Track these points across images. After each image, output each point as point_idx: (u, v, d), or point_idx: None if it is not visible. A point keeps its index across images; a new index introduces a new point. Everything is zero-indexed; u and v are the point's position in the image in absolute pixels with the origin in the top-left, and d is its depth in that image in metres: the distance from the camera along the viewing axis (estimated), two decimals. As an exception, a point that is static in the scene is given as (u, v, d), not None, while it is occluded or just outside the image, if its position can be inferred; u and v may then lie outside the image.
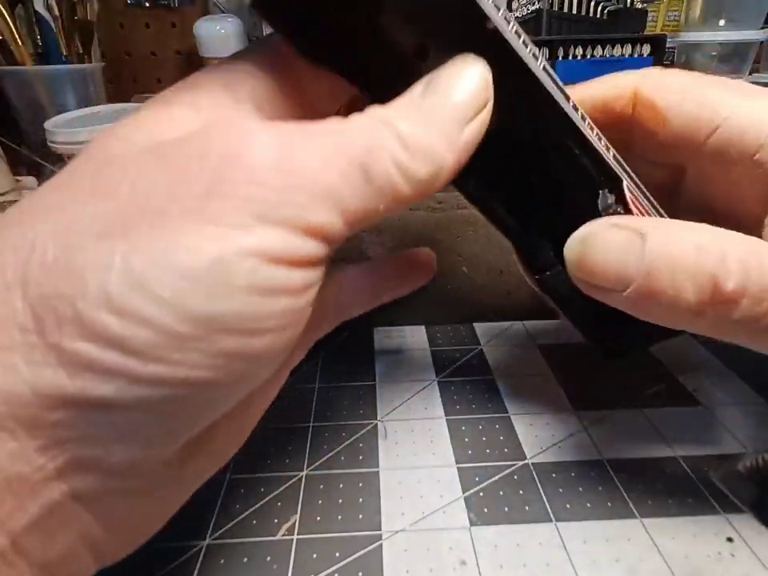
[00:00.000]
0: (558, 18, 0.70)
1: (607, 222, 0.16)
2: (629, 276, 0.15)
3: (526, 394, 0.25)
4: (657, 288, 0.14)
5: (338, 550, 0.17)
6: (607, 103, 0.19)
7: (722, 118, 0.17)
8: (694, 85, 0.18)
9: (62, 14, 0.70)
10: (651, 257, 0.14)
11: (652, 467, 0.20)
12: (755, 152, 0.16)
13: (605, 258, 0.15)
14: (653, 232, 0.15)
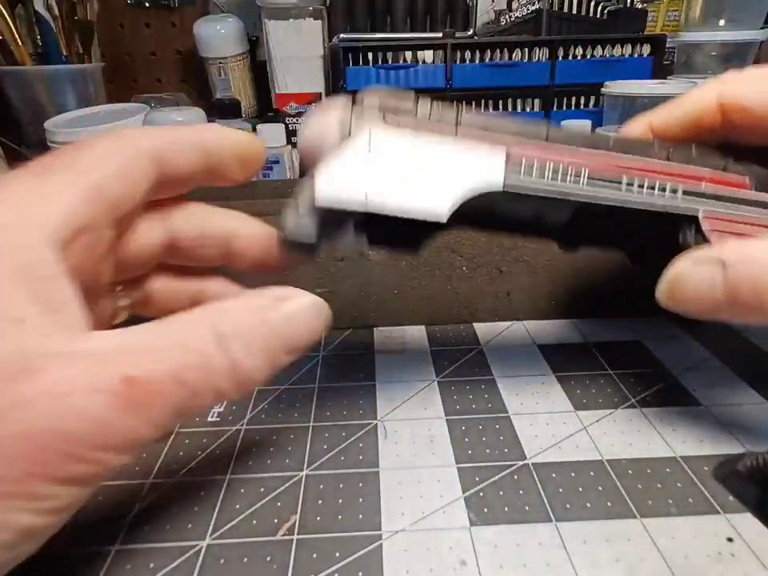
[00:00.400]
0: (558, 17, 0.70)
1: (689, 258, 0.17)
2: (718, 306, 0.16)
3: (526, 394, 0.25)
4: (744, 310, 0.16)
5: (338, 550, 0.17)
6: (695, 122, 0.21)
7: None
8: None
9: (62, 14, 0.70)
10: (735, 283, 0.16)
11: (652, 467, 0.20)
12: None
13: (693, 294, 0.17)
14: (733, 258, 0.16)
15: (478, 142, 0.18)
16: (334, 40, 0.71)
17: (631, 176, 0.18)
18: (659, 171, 0.19)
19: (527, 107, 0.69)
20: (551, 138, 0.19)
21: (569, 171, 0.18)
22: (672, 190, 0.19)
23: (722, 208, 0.19)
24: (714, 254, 0.17)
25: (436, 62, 0.66)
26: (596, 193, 0.18)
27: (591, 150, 0.19)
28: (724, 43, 0.72)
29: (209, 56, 0.81)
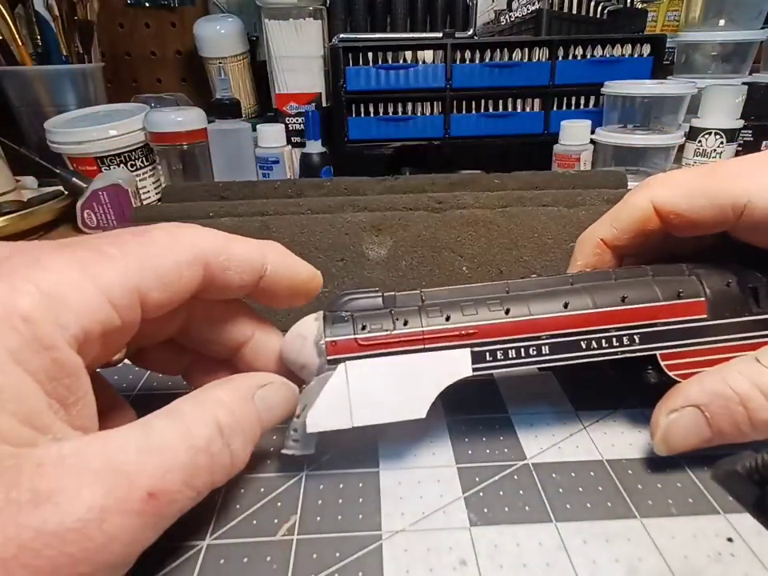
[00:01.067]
0: (558, 17, 0.70)
1: (666, 411, 0.19)
2: (706, 439, 0.19)
3: (526, 393, 0.25)
4: (729, 437, 0.19)
5: (338, 550, 0.17)
6: (640, 229, 0.23)
7: (742, 205, 0.20)
8: (703, 183, 0.21)
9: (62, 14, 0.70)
10: (716, 422, 0.18)
11: (652, 467, 0.20)
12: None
13: (686, 442, 0.19)
14: (703, 400, 0.19)
15: (443, 350, 0.20)
16: (333, 40, 0.71)
17: (588, 336, 0.20)
18: (616, 317, 0.20)
19: (527, 107, 0.69)
20: (511, 299, 0.21)
21: (530, 347, 0.20)
22: (629, 338, 0.20)
23: (677, 342, 0.20)
24: (688, 400, 0.19)
25: (436, 61, 0.66)
26: (557, 358, 0.20)
27: (550, 315, 0.20)
28: (724, 43, 0.72)
29: (209, 56, 0.81)
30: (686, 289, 0.21)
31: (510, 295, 0.21)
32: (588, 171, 0.58)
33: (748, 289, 0.21)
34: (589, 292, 0.21)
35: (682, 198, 0.21)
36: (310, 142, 0.66)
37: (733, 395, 0.18)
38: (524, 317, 0.20)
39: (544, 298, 0.21)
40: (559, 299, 0.21)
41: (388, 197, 0.40)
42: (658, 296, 0.21)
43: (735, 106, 0.59)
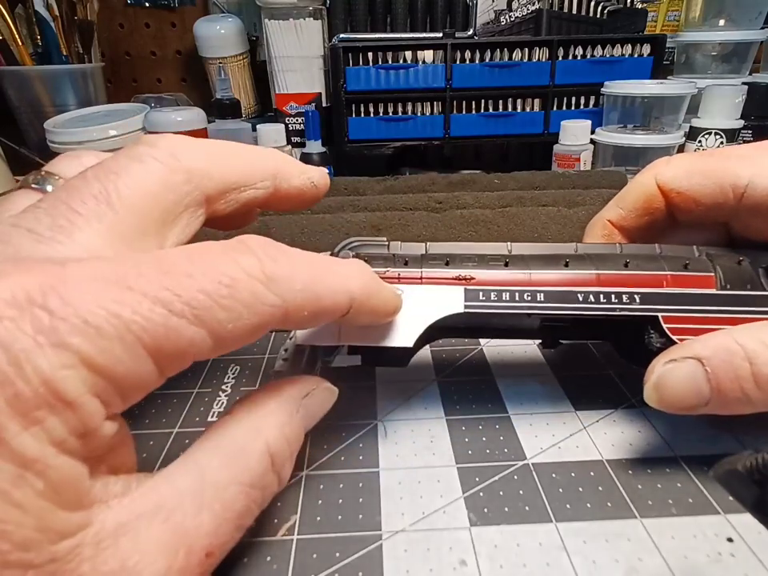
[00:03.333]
0: (558, 17, 0.70)
1: (665, 360, 0.18)
2: (704, 396, 0.17)
3: (526, 393, 0.25)
4: (729, 400, 0.17)
5: (338, 550, 0.17)
6: (645, 208, 0.23)
7: (744, 185, 0.20)
8: (706, 163, 0.21)
9: (62, 14, 0.70)
10: (716, 376, 0.17)
11: (652, 467, 0.20)
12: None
13: (681, 394, 0.18)
14: (707, 353, 0.17)
15: (439, 285, 0.20)
16: (333, 40, 0.71)
17: (587, 290, 0.20)
18: (617, 281, 0.20)
19: (527, 107, 0.69)
20: (512, 257, 0.21)
21: (525, 292, 0.20)
22: (629, 297, 0.20)
23: (682, 307, 0.19)
24: (688, 351, 0.18)
25: (436, 61, 0.66)
26: (552, 306, 0.20)
27: (548, 272, 0.20)
28: (724, 43, 0.72)
29: (209, 56, 0.81)
30: (693, 263, 0.20)
31: (511, 254, 0.21)
32: (588, 171, 0.58)
33: (761, 268, 0.20)
34: (592, 259, 0.20)
35: (684, 177, 0.21)
36: (310, 142, 0.66)
37: (738, 349, 0.17)
38: (523, 271, 0.20)
39: (545, 259, 0.21)
40: (561, 261, 0.20)
41: (388, 197, 0.40)
42: (664, 267, 0.20)
43: (735, 106, 0.59)
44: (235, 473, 0.14)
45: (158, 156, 0.16)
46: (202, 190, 0.17)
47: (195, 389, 0.26)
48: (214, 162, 0.18)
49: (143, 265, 0.13)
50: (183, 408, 0.25)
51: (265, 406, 0.17)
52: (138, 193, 0.15)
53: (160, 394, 0.26)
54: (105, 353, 0.12)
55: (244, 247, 0.14)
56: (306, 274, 0.15)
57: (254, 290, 0.14)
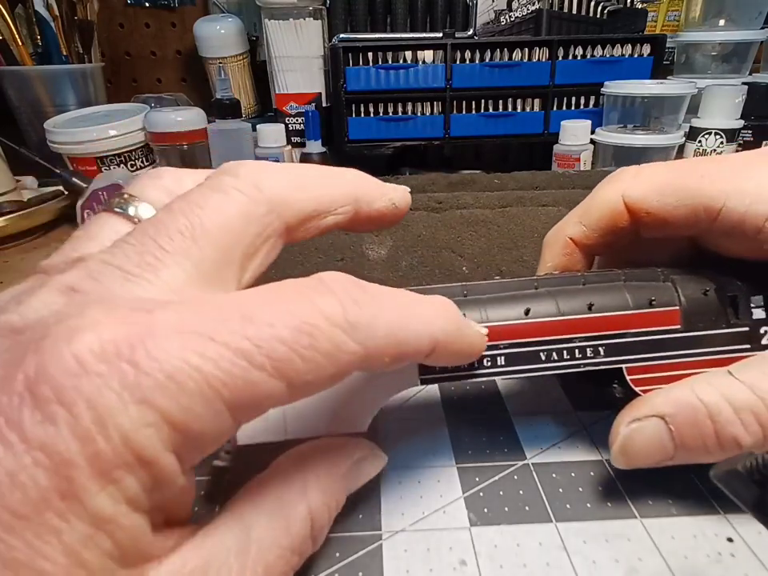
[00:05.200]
0: (558, 17, 0.70)
1: (628, 419, 0.18)
2: (669, 453, 0.17)
3: (526, 394, 0.25)
4: (692, 453, 0.17)
5: (337, 550, 0.17)
6: (610, 227, 0.21)
7: (718, 208, 0.18)
8: (678, 180, 0.20)
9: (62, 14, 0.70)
10: (680, 433, 0.17)
11: (652, 467, 0.20)
12: (757, 232, 0.18)
13: (647, 453, 0.18)
14: (668, 411, 0.17)
15: None
16: (333, 40, 0.71)
17: (549, 347, 0.19)
18: (581, 326, 0.19)
19: (527, 107, 0.69)
20: (467, 302, 0.19)
21: (484, 359, 0.19)
22: (593, 350, 0.19)
23: (647, 355, 0.19)
24: (652, 409, 0.17)
25: (436, 61, 0.66)
26: (514, 369, 0.19)
27: (509, 323, 0.19)
28: (724, 43, 0.72)
29: (209, 56, 0.81)
30: (659, 296, 0.19)
31: (467, 299, 0.19)
32: (588, 171, 0.58)
33: (727, 297, 0.19)
34: (554, 297, 0.19)
35: (654, 195, 0.20)
36: (310, 142, 0.66)
37: (701, 407, 0.17)
38: (480, 322, 0.19)
39: (504, 302, 0.19)
40: (521, 304, 0.19)
41: (388, 197, 0.40)
42: (629, 303, 0.19)
43: (735, 106, 0.59)
44: (280, 535, 0.14)
45: (240, 187, 0.16)
46: (283, 220, 0.16)
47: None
48: (294, 189, 0.17)
49: (225, 311, 0.13)
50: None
51: (313, 467, 0.16)
52: (221, 227, 0.15)
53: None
54: (185, 410, 0.11)
55: (324, 288, 0.14)
56: (390, 318, 0.14)
57: (335, 340, 0.13)
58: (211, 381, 0.12)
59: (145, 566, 0.12)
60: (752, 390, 0.16)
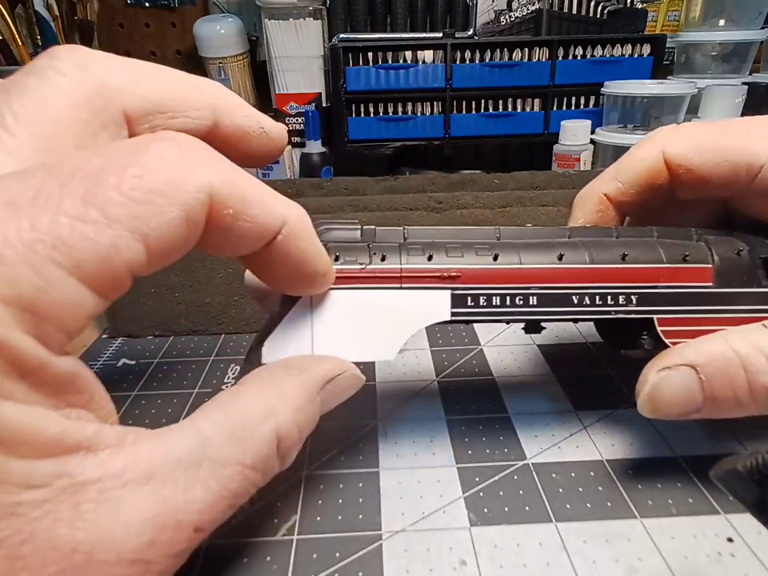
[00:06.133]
0: (558, 17, 0.70)
1: (659, 367, 0.18)
2: (699, 408, 0.17)
3: (526, 394, 0.25)
4: (723, 406, 0.17)
5: (338, 550, 0.17)
6: (647, 185, 0.21)
7: (759, 166, 0.18)
8: (718, 138, 0.19)
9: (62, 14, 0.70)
10: (711, 384, 0.17)
11: (652, 467, 0.20)
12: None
13: (675, 403, 0.17)
14: (701, 361, 0.17)
15: (422, 287, 0.18)
16: (333, 40, 0.71)
17: (581, 291, 0.19)
18: (614, 275, 0.19)
19: (527, 107, 0.69)
20: (501, 246, 0.19)
21: (516, 296, 0.19)
22: (625, 298, 0.19)
23: (678, 308, 0.19)
24: (682, 359, 0.17)
25: (436, 61, 0.66)
26: (546, 311, 0.19)
27: (541, 266, 0.19)
28: (724, 43, 0.72)
29: (209, 56, 0.81)
30: (692, 253, 0.19)
31: (500, 242, 0.19)
32: (588, 171, 0.58)
33: (759, 259, 0.19)
34: (587, 247, 0.19)
35: (695, 153, 0.19)
36: (310, 142, 0.66)
37: (734, 357, 0.16)
38: (514, 265, 0.19)
39: (538, 248, 0.19)
40: (554, 251, 0.19)
41: (388, 197, 0.40)
42: (662, 258, 0.19)
43: (735, 106, 0.59)
44: (238, 452, 0.14)
45: (61, 68, 0.14)
46: (119, 106, 0.15)
47: (195, 389, 0.26)
48: (134, 78, 0.16)
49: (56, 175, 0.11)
50: (183, 408, 0.25)
51: (283, 385, 0.15)
52: (39, 112, 0.13)
53: (160, 394, 0.26)
54: (13, 282, 0.10)
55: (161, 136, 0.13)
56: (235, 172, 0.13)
57: (172, 177, 0.12)
58: (35, 246, 0.10)
59: (68, 457, 0.11)
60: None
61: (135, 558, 0.11)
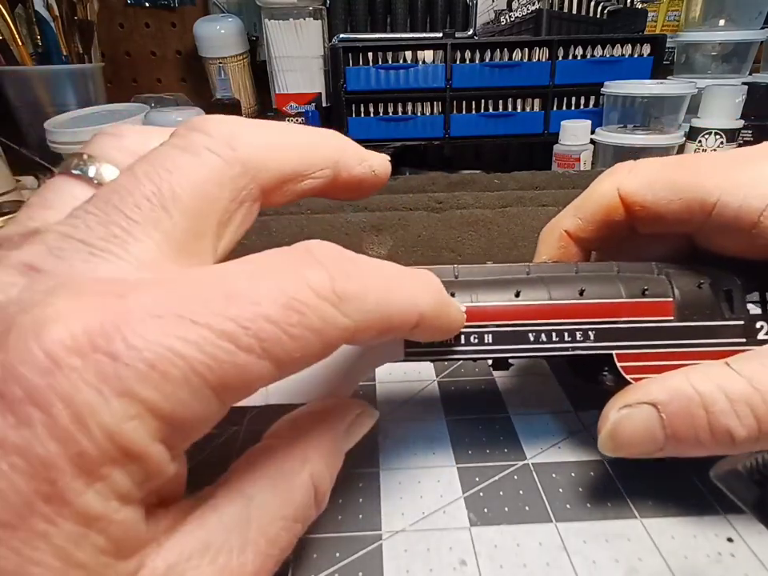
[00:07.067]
0: (558, 17, 0.70)
1: (619, 405, 0.17)
2: (660, 446, 0.17)
3: (526, 394, 0.25)
4: (683, 445, 0.16)
5: (338, 550, 0.17)
6: (605, 221, 0.21)
7: (712, 203, 0.18)
8: (672, 174, 0.19)
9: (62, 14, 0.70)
10: (672, 423, 0.16)
11: (652, 467, 0.20)
12: (752, 227, 0.17)
13: (635, 440, 0.17)
14: (662, 398, 0.16)
15: None
16: (333, 40, 0.71)
17: (538, 328, 0.18)
18: (571, 311, 0.19)
19: (527, 107, 0.69)
20: (459, 284, 0.19)
21: (471, 335, 0.18)
22: (582, 334, 0.18)
23: (638, 343, 0.19)
24: (644, 396, 0.17)
25: (436, 61, 0.66)
26: (501, 349, 0.18)
27: (498, 303, 0.19)
28: (724, 43, 0.72)
29: (209, 56, 0.81)
30: (652, 287, 0.19)
31: (458, 280, 0.19)
32: (588, 171, 0.58)
33: (722, 292, 0.19)
34: (545, 283, 0.19)
35: (648, 189, 0.19)
36: (310, 142, 0.66)
37: (695, 396, 0.16)
38: (469, 303, 0.18)
39: (495, 285, 0.19)
40: (511, 288, 0.19)
41: (388, 197, 0.40)
42: (621, 292, 0.19)
43: (735, 106, 0.59)
44: (281, 506, 0.14)
45: (213, 147, 0.14)
46: (259, 182, 0.15)
47: (195, 389, 0.26)
48: (272, 150, 0.16)
49: (205, 289, 0.12)
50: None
51: (311, 433, 0.16)
52: (193, 193, 0.14)
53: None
54: (171, 399, 0.11)
55: (312, 260, 0.13)
56: (378, 291, 0.14)
57: (325, 315, 0.12)
58: (196, 367, 0.11)
59: (142, 553, 0.12)
60: (750, 382, 0.16)
61: None
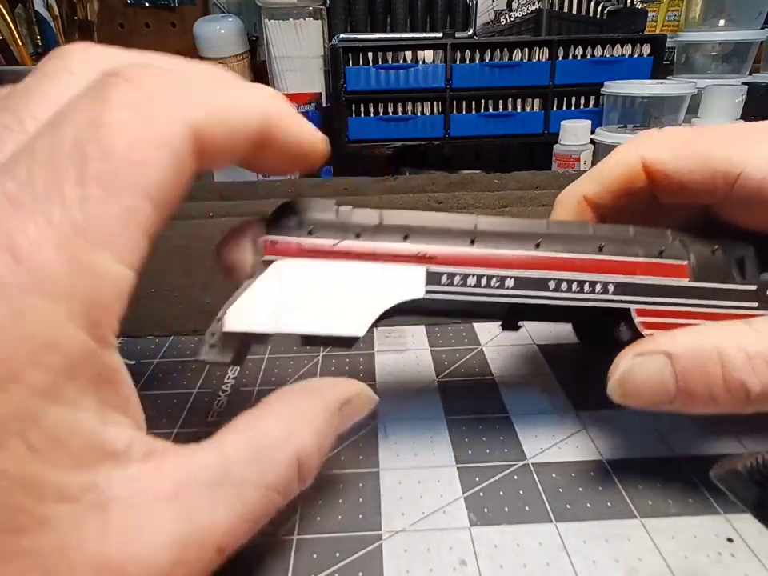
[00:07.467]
0: (558, 17, 0.70)
1: (633, 353, 0.17)
2: (671, 397, 0.17)
3: (526, 393, 0.25)
4: (695, 399, 0.16)
5: (338, 550, 0.17)
6: (625, 188, 0.21)
7: (736, 174, 0.18)
8: (697, 144, 0.19)
9: (62, 14, 0.70)
10: (684, 374, 0.16)
11: (652, 467, 0.20)
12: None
13: (646, 389, 0.17)
14: (678, 350, 0.16)
15: (396, 263, 0.18)
16: (333, 40, 0.71)
17: (558, 277, 0.18)
18: (590, 266, 0.19)
19: (527, 107, 0.69)
20: (479, 234, 0.19)
21: (492, 278, 0.18)
22: (602, 286, 0.19)
23: (655, 299, 0.19)
24: (658, 347, 0.17)
25: (436, 61, 0.66)
26: (521, 294, 0.18)
27: (519, 252, 0.19)
28: (724, 43, 0.72)
29: (209, 56, 0.81)
30: (668, 249, 0.19)
31: (478, 230, 0.19)
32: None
33: (734, 259, 0.19)
34: (565, 240, 0.19)
35: (672, 158, 0.19)
36: (310, 142, 0.66)
37: (712, 351, 0.16)
38: (491, 250, 0.18)
39: (515, 236, 0.19)
40: (532, 240, 0.19)
41: (388, 197, 0.40)
42: (638, 252, 0.19)
43: (735, 106, 0.59)
44: (261, 473, 0.14)
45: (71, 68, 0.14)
46: None
47: (195, 389, 0.26)
48: None
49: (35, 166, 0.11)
50: (183, 408, 0.24)
51: (304, 408, 0.16)
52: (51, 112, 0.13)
53: (160, 394, 0.26)
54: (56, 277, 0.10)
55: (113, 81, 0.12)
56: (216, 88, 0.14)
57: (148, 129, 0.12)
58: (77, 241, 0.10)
59: (97, 468, 0.11)
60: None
61: None
